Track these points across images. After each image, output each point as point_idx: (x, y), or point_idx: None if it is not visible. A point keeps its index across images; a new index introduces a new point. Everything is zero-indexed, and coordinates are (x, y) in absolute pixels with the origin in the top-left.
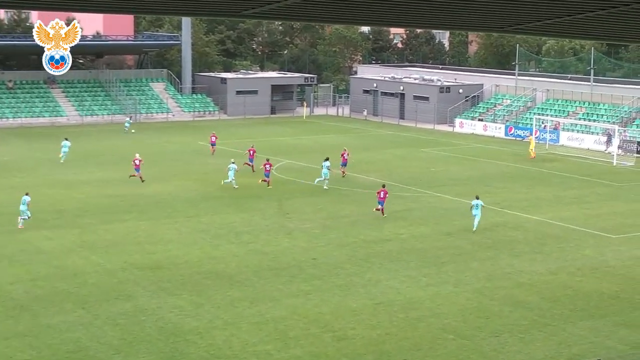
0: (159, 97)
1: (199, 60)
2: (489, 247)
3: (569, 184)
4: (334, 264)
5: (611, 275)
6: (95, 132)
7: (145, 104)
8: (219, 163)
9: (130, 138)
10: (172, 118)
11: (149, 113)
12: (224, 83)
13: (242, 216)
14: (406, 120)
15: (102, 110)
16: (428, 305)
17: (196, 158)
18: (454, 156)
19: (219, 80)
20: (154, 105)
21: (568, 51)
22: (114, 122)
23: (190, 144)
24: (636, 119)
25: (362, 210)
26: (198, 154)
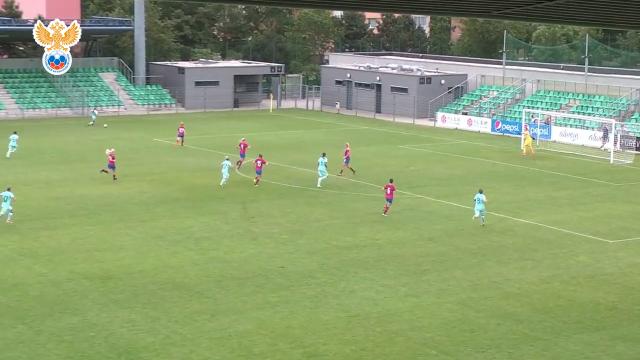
0: (109, 88)
1: (154, 48)
2: (474, 253)
3: (561, 184)
4: (303, 273)
5: (608, 284)
6: (38, 127)
7: (94, 96)
8: (176, 161)
9: (79, 134)
10: (123, 112)
11: (98, 106)
12: (181, 73)
13: (202, 220)
14: (383, 114)
15: (46, 103)
16: (407, 317)
17: (151, 156)
18: (436, 154)
19: (176, 70)
20: (104, 97)
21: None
22: (59, 117)
23: (144, 140)
24: (635, 112)
25: (334, 213)
26: (153, 151)
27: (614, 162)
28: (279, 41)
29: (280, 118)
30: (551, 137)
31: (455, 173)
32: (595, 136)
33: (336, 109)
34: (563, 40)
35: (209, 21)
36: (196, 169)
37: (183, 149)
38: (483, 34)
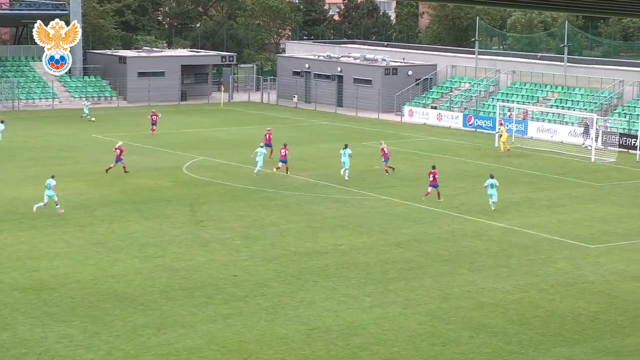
0: (42, 79)
1: (92, 35)
2: (444, 260)
3: (539, 184)
4: (258, 282)
5: (589, 292)
6: None
7: (25, 87)
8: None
9: (9, 130)
10: (58, 105)
11: (30, 99)
12: (122, 63)
13: (146, 225)
14: (345, 108)
15: None
16: (372, 330)
17: (89, 154)
18: (403, 151)
19: (117, 59)
20: (36, 89)
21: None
22: None
23: (81, 137)
24: (618, 107)
25: (292, 216)
26: (92, 149)
27: (596, 161)
28: (230, 28)
29: (232, 112)
30: (528, 133)
31: (424, 172)
32: (576, 132)
33: (294, 103)
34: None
35: (153, 6)
36: (140, 168)
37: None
38: (454, 21)
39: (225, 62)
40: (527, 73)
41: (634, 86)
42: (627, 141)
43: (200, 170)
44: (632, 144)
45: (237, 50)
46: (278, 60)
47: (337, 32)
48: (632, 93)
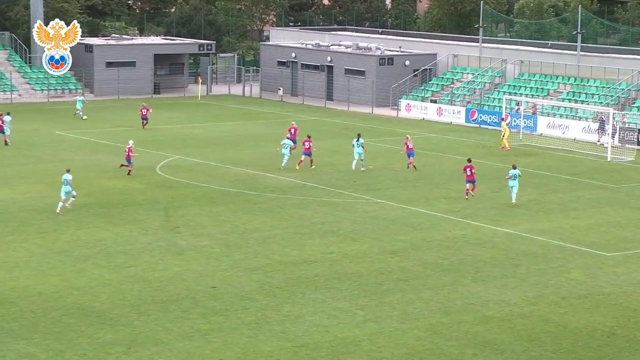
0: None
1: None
2: (445, 269)
3: (549, 186)
4: (240, 294)
5: (605, 305)
6: None
7: None
8: (83, 159)
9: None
10: (18, 99)
11: None
12: (89, 52)
13: (116, 231)
14: (335, 102)
15: None
16: (366, 347)
17: (52, 153)
18: (399, 149)
19: (83, 48)
20: None
21: (548, 10)
22: None
23: (43, 133)
24: (636, 100)
25: (277, 222)
26: (54, 147)
27: (612, 160)
28: (208, 13)
29: (210, 106)
30: (537, 130)
31: (423, 173)
32: (590, 128)
33: (279, 96)
34: (551, 13)
35: None
36: (108, 168)
37: (89, 144)
38: (455, 5)
39: (203, 51)
40: (536, 63)
41: None
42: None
43: (175, 170)
44: None
45: (216, 38)
46: (261, 49)
47: (326, 18)
48: None
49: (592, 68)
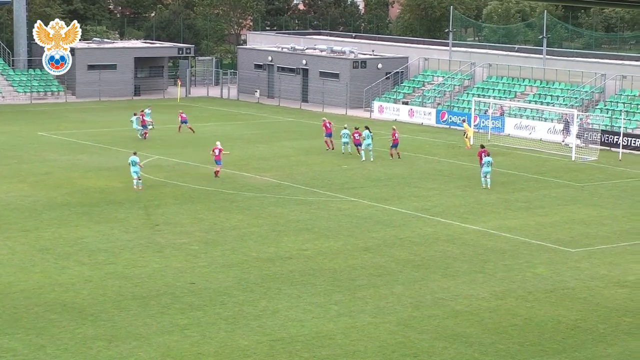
0: None
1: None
2: (416, 265)
3: (516, 185)
4: (218, 290)
5: (570, 299)
6: None
7: None
8: (65, 160)
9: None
10: (1, 101)
11: None
12: (71, 55)
13: (97, 229)
14: (310, 104)
15: None
16: (340, 341)
17: (34, 153)
18: (373, 150)
19: None
20: None
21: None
22: None
23: (26, 134)
24: (600, 102)
25: (254, 219)
26: (37, 148)
27: (577, 159)
28: (187, 18)
29: (189, 108)
30: (504, 131)
31: (395, 172)
32: (555, 129)
33: (255, 98)
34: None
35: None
36: (89, 168)
37: (70, 145)
38: (426, 11)
39: (182, 55)
40: (503, 66)
41: (616, 80)
42: (609, 138)
43: (155, 170)
44: (614, 142)
45: (195, 42)
46: (239, 52)
47: (302, 23)
48: (614, 87)
49: (557, 71)
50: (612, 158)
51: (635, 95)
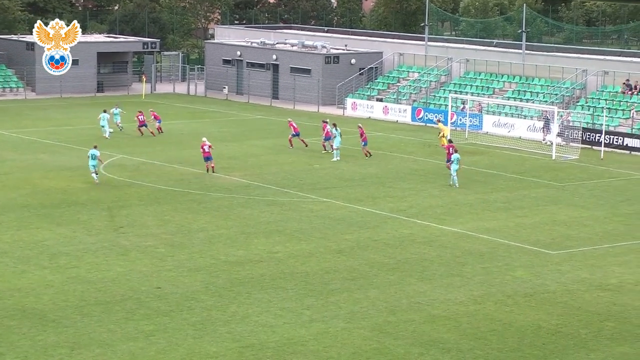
0: None
1: None
2: (392, 268)
3: (495, 185)
4: (185, 295)
5: (550, 303)
6: None
7: None
8: (25, 159)
9: None
10: None
11: None
12: (30, 50)
13: (59, 231)
14: (281, 101)
15: None
16: (312, 347)
17: None
18: (345, 148)
19: (24, 45)
20: None
21: (493, 9)
22: None
23: None
24: (581, 99)
25: (222, 221)
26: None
27: (557, 158)
28: (152, 11)
29: (155, 105)
30: (482, 128)
31: (369, 172)
32: (535, 127)
33: (224, 95)
34: (496, 11)
35: None
36: (50, 168)
37: (35, 145)
38: (401, 4)
39: (147, 49)
40: (481, 62)
41: (597, 76)
42: (590, 136)
43: (118, 170)
44: (596, 140)
45: (161, 36)
46: (206, 47)
47: (272, 16)
48: (595, 84)
49: (537, 67)
50: (593, 157)
51: (617, 92)
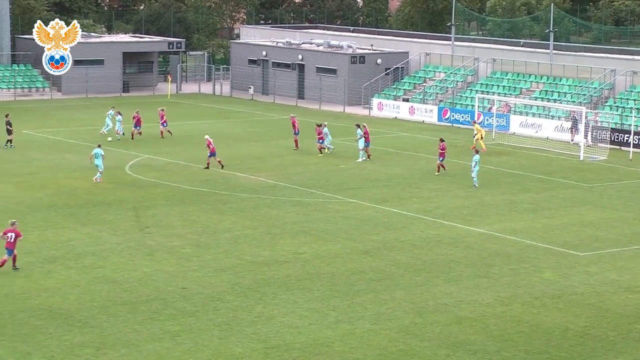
0: None
1: (22, 18)
2: (418, 269)
3: (522, 185)
4: (211, 295)
5: (578, 305)
6: None
7: None
8: (51, 159)
9: None
10: None
11: None
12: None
13: (85, 232)
14: (307, 101)
15: None
16: (338, 348)
17: (19, 153)
18: (372, 149)
19: None
20: None
21: (520, 8)
22: None
23: None
24: (609, 99)
25: (248, 222)
26: (21, 146)
27: (585, 159)
28: (178, 11)
29: (180, 105)
30: (510, 129)
31: (395, 172)
32: (563, 127)
33: (249, 95)
34: (523, 11)
35: None
36: (75, 168)
37: (58, 144)
38: (427, 3)
39: (172, 49)
40: (508, 62)
41: (626, 76)
42: (619, 137)
43: (144, 170)
44: (624, 140)
45: (186, 36)
46: (232, 47)
47: (297, 16)
48: (624, 84)
49: (565, 67)
50: (622, 157)
51: None
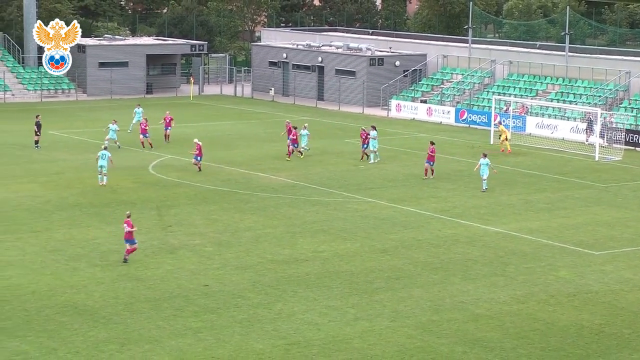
0: None
1: (48, 21)
2: (436, 268)
3: (538, 185)
4: (232, 293)
5: (593, 303)
6: None
7: None
8: (76, 159)
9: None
10: (11, 99)
11: None
12: (82, 52)
13: (109, 230)
14: (326, 102)
15: None
16: (357, 345)
17: (45, 153)
18: (390, 149)
19: (76, 48)
20: None
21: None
22: None
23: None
24: (624, 100)
25: (268, 221)
26: (47, 147)
27: (600, 159)
28: (200, 14)
29: (202, 107)
30: (526, 130)
31: (413, 172)
32: (578, 128)
33: (270, 96)
34: (539, 14)
35: None
36: None
37: (83, 144)
38: (445, 7)
39: (194, 52)
40: (525, 64)
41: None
42: (634, 138)
43: (167, 170)
44: (639, 141)
45: (208, 39)
46: (253, 49)
47: (317, 19)
48: (639, 85)
49: (580, 69)
50: (637, 158)
51: None
